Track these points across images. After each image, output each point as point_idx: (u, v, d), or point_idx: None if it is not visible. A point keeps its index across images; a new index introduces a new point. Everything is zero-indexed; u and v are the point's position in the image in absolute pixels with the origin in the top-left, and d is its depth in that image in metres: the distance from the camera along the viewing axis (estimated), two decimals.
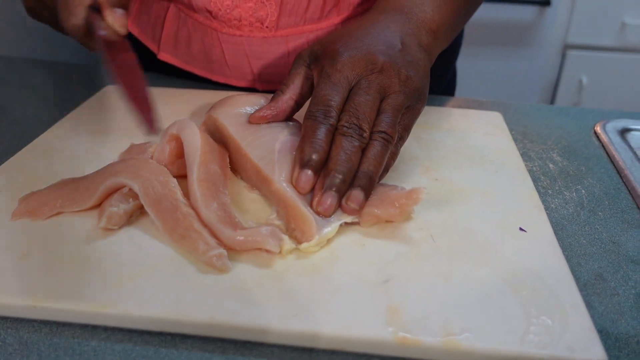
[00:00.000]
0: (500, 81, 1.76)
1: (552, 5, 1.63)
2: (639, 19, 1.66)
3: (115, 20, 0.48)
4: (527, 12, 1.65)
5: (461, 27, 0.57)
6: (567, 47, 1.73)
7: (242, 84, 0.70)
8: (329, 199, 0.41)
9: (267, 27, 0.63)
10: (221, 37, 0.65)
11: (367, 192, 0.42)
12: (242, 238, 0.40)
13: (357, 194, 0.42)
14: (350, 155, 0.42)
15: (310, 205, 0.42)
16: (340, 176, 0.42)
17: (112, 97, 0.66)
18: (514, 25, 1.68)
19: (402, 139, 0.47)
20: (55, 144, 0.55)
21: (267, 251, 0.40)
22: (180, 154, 0.48)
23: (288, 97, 0.49)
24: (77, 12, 0.48)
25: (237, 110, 0.51)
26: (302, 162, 0.43)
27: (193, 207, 0.43)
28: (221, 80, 0.70)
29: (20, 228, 0.42)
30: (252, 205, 0.46)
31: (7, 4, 1.05)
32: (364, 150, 0.43)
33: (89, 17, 0.49)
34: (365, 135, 0.43)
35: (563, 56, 1.75)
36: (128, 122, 0.60)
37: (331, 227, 0.41)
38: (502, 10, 1.64)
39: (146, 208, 0.42)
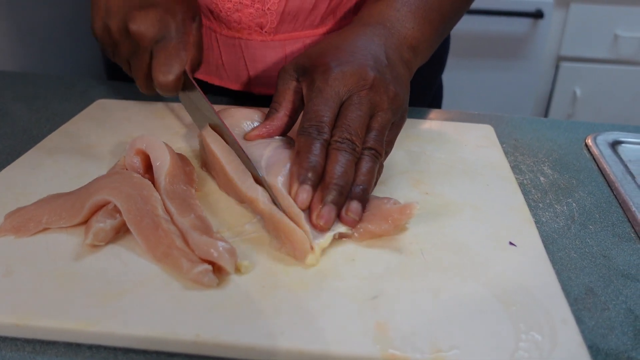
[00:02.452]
0: (494, 93, 1.77)
1: (545, 18, 1.64)
2: (632, 31, 1.67)
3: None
4: (520, 24, 1.66)
5: (439, 44, 0.59)
6: (561, 59, 1.74)
7: (237, 87, 0.70)
8: (328, 212, 0.42)
9: (266, 32, 0.63)
10: (220, 38, 0.66)
11: (364, 204, 0.43)
12: (197, 244, 0.40)
13: (355, 205, 0.43)
14: (346, 169, 0.43)
15: (310, 219, 0.42)
16: (338, 189, 0.42)
17: (102, 111, 0.66)
18: (507, 38, 1.69)
19: (386, 153, 0.48)
20: (44, 159, 0.55)
21: (220, 269, 0.39)
22: (149, 165, 0.48)
23: (282, 114, 0.50)
24: (176, 71, 0.53)
25: (232, 125, 0.52)
26: (300, 178, 0.43)
27: (173, 222, 0.42)
28: (217, 82, 0.71)
29: (5, 245, 0.42)
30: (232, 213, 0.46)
31: (5, 19, 1.05)
32: (356, 164, 0.44)
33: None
34: (357, 149, 0.44)
35: (556, 68, 1.76)
36: (118, 136, 0.60)
37: (324, 238, 0.41)
38: (495, 22, 1.65)
39: (129, 226, 0.42)
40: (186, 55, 0.53)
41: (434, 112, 0.70)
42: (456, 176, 0.53)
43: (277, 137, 0.51)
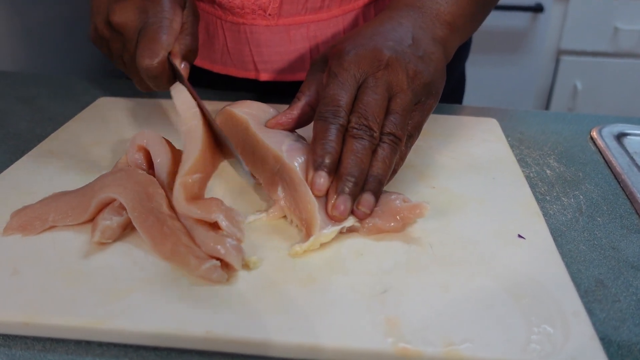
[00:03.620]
0: (494, 88, 1.76)
1: (545, 12, 1.63)
2: (631, 24, 1.66)
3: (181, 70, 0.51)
4: (520, 18, 1.66)
5: (482, 18, 0.57)
6: (561, 52, 1.74)
7: (243, 74, 0.70)
8: (344, 203, 0.42)
9: (269, 14, 0.63)
10: (224, 25, 0.66)
11: (377, 196, 0.43)
12: (203, 240, 0.39)
13: (368, 198, 0.42)
14: (362, 157, 0.42)
15: (325, 209, 0.42)
16: (353, 179, 0.42)
17: (103, 109, 0.66)
18: (507, 32, 1.68)
19: (412, 137, 0.46)
20: (47, 158, 0.55)
21: (228, 265, 0.39)
22: (152, 161, 0.48)
23: (303, 103, 0.49)
24: (158, 55, 0.50)
25: (252, 112, 0.52)
26: (315, 164, 0.43)
27: (178, 219, 0.42)
28: (222, 70, 0.71)
29: (12, 243, 0.42)
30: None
31: (5, 19, 1.05)
32: (373, 152, 0.43)
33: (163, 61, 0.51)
34: (375, 135, 0.43)
35: (557, 62, 1.76)
36: (120, 134, 0.60)
37: (329, 230, 0.41)
38: (495, 17, 1.64)
39: (134, 224, 0.41)
40: (168, 39, 0.51)
41: (438, 107, 0.70)
42: (462, 170, 0.53)
43: (294, 133, 0.50)
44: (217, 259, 0.39)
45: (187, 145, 0.45)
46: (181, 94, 0.49)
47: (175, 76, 0.52)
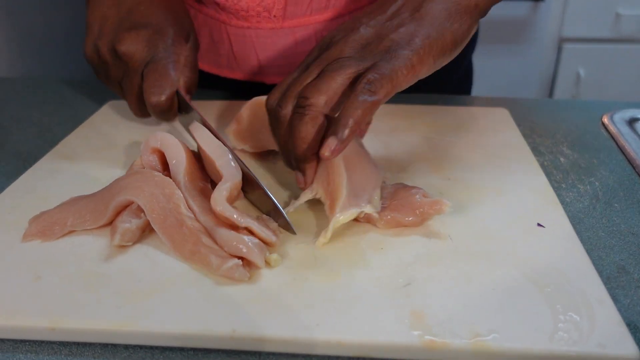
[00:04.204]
0: (497, 78, 1.76)
1: (545, 0, 1.63)
2: (633, 9, 1.66)
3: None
4: (521, 7, 1.65)
5: None
6: (563, 40, 1.73)
7: (249, 77, 0.70)
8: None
9: (274, 16, 0.63)
10: (229, 29, 0.66)
11: (304, 165, 0.44)
12: (225, 239, 0.40)
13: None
14: (289, 137, 0.43)
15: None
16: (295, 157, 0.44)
17: (114, 112, 0.66)
18: (508, 22, 1.68)
19: (374, 85, 0.40)
20: (61, 163, 0.55)
21: (250, 264, 0.39)
22: (167, 163, 0.48)
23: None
24: (167, 91, 0.52)
25: None
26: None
27: (197, 219, 0.42)
28: (228, 74, 0.70)
29: (32, 249, 0.42)
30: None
31: (4, 25, 1.05)
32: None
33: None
34: (282, 112, 0.43)
35: (559, 50, 1.75)
36: (133, 136, 0.60)
37: (346, 215, 0.41)
38: (495, 6, 1.64)
39: (153, 226, 0.42)
40: (177, 75, 0.53)
41: (447, 98, 0.70)
42: (476, 160, 0.53)
43: None
44: (239, 257, 0.39)
45: (225, 172, 0.45)
46: (204, 133, 0.49)
47: (180, 108, 0.54)
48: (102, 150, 0.57)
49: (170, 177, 0.46)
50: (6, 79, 0.82)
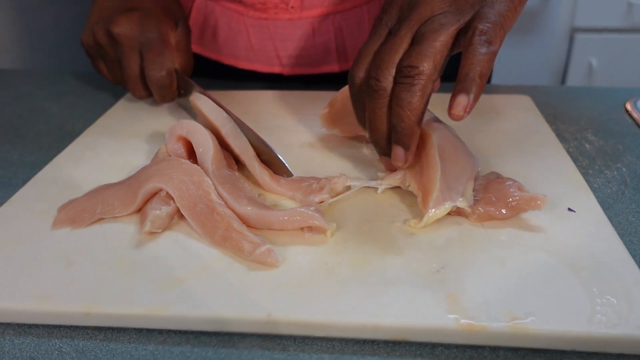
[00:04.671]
0: (509, 68, 1.74)
1: None
2: None
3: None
4: None
5: None
6: (575, 30, 1.72)
7: (268, 69, 0.69)
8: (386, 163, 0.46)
9: (292, 7, 0.62)
10: (247, 21, 0.65)
11: (406, 144, 0.41)
12: (288, 218, 0.41)
13: (397, 152, 0.42)
14: (374, 116, 0.41)
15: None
16: (374, 141, 0.43)
17: (134, 103, 0.66)
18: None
19: (488, 40, 0.38)
20: (84, 153, 0.55)
21: (315, 230, 0.40)
22: (192, 151, 0.48)
23: None
24: (166, 66, 0.57)
25: None
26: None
27: (228, 207, 0.42)
28: (247, 66, 0.70)
29: (62, 237, 0.42)
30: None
31: (19, 18, 1.05)
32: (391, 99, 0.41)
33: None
34: (381, 85, 0.40)
35: (571, 40, 1.74)
36: (155, 125, 0.60)
37: (440, 210, 0.41)
38: None
39: (183, 213, 0.42)
40: (171, 53, 0.58)
41: None
42: (502, 147, 0.52)
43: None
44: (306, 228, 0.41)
45: (235, 142, 0.47)
46: (206, 102, 0.51)
47: (179, 89, 0.59)
48: (125, 140, 0.57)
49: (197, 165, 0.46)
50: (24, 72, 0.82)
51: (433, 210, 0.40)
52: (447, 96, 0.38)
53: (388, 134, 0.41)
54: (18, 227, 0.43)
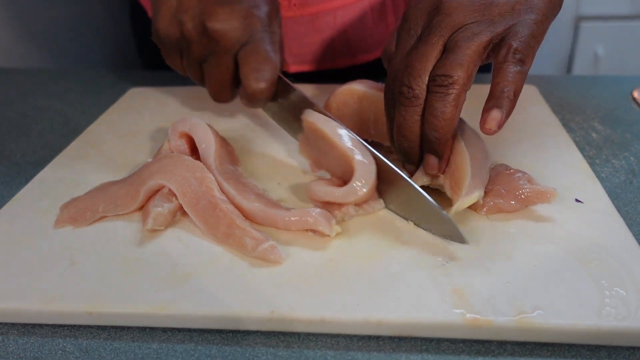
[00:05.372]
0: None
1: None
2: None
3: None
4: None
5: None
6: (580, 19, 1.70)
7: None
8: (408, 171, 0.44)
9: (293, 4, 0.62)
10: None
11: (439, 152, 0.41)
12: (293, 218, 0.40)
13: (430, 161, 0.42)
14: (405, 125, 0.41)
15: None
16: (404, 149, 0.42)
17: (138, 99, 0.65)
18: None
19: (520, 55, 0.38)
20: (88, 150, 0.54)
21: (318, 233, 0.40)
22: (194, 147, 0.47)
23: None
24: (270, 78, 0.47)
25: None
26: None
27: (232, 203, 0.42)
28: None
29: (65, 235, 0.42)
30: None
31: (20, 16, 1.05)
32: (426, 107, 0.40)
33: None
34: (414, 93, 0.39)
35: (576, 28, 1.72)
36: (157, 122, 0.59)
37: (467, 200, 0.40)
38: None
39: (186, 209, 0.41)
40: (277, 58, 0.47)
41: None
42: (508, 138, 0.52)
43: None
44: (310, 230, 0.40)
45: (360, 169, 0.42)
46: (321, 118, 0.45)
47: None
48: (127, 136, 0.57)
49: (199, 161, 0.45)
50: (26, 71, 0.82)
51: (466, 198, 0.39)
52: None
53: (419, 143, 0.41)
54: (21, 226, 0.43)
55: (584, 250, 0.37)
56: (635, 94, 0.62)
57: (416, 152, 0.42)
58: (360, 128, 0.50)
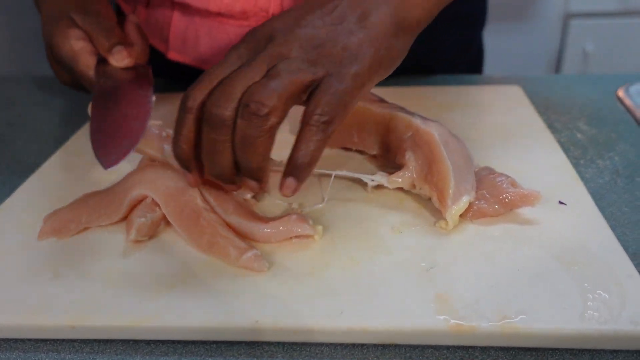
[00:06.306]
0: (502, 57, 1.72)
1: None
2: None
3: (118, 60, 0.51)
4: None
5: None
6: (569, 16, 1.70)
7: None
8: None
9: (273, 14, 0.61)
10: (229, 29, 0.64)
11: (230, 183, 0.39)
12: (271, 230, 0.40)
13: (251, 184, 0.40)
14: (214, 150, 0.38)
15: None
16: (217, 176, 0.40)
17: None
18: None
19: (323, 117, 0.36)
20: (72, 160, 0.54)
21: (302, 237, 0.40)
22: None
23: None
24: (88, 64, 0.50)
25: None
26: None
27: (213, 211, 0.42)
28: None
29: (48, 247, 0.41)
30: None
31: (11, 24, 1.04)
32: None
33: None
34: (222, 123, 0.37)
35: (565, 26, 1.73)
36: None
37: (459, 205, 0.40)
38: None
39: (169, 219, 0.41)
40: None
41: (459, 78, 0.69)
42: (492, 139, 0.52)
43: None
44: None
45: None
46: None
47: None
48: None
49: None
50: (11, 79, 0.82)
51: (454, 206, 0.39)
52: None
53: (234, 170, 0.38)
54: (4, 238, 0.43)
55: (567, 252, 0.37)
56: (620, 93, 0.63)
57: (229, 176, 0.39)
58: (344, 137, 0.50)
